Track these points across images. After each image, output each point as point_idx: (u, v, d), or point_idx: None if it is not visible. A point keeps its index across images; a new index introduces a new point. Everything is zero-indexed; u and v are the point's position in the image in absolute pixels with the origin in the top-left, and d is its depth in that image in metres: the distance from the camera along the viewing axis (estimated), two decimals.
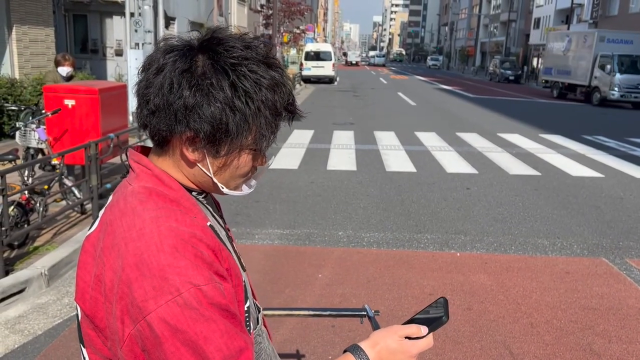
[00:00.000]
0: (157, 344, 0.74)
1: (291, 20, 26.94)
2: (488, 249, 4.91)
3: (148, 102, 0.83)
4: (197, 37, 0.87)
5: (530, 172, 8.23)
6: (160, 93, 0.81)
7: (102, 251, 0.81)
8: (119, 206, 0.85)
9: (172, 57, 0.83)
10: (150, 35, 7.38)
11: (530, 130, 13.08)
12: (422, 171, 8.13)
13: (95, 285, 0.81)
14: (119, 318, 0.77)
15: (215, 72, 0.81)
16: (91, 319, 0.82)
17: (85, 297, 0.83)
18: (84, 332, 0.87)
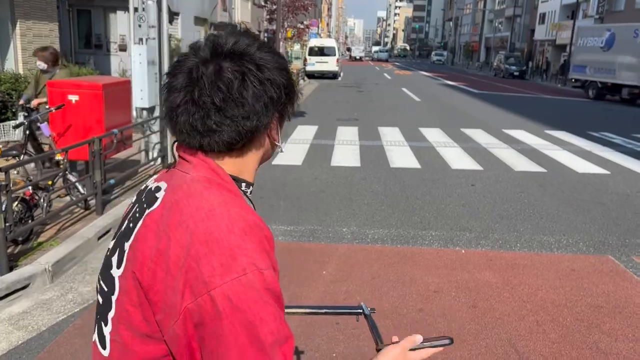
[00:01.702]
0: (216, 318, 0.77)
1: (295, 16, 26.84)
2: (493, 246, 4.88)
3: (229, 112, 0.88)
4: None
5: (535, 169, 8.19)
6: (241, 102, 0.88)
7: (168, 227, 0.84)
8: (183, 189, 0.88)
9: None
10: (154, 31, 7.34)
11: (536, 127, 13.01)
12: (427, 167, 8.09)
13: (156, 259, 0.82)
14: (181, 291, 0.79)
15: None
16: (146, 290, 0.82)
17: (143, 270, 0.83)
18: (120, 309, 0.87)
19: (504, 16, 59.38)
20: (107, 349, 0.90)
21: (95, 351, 0.93)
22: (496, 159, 8.89)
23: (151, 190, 0.94)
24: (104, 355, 0.90)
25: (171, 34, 17.38)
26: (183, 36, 18.40)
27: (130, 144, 6.36)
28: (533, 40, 50.33)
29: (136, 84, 7.05)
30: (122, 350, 0.87)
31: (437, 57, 75.44)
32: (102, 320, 0.91)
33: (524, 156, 9.14)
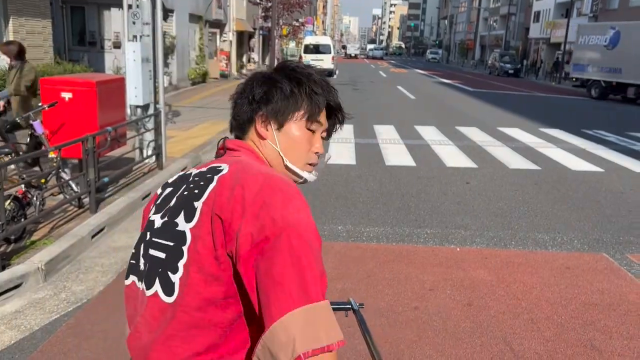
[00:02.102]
0: (277, 235, 0.94)
1: (290, 13, 26.80)
2: (488, 244, 4.88)
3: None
4: None
5: (530, 167, 8.20)
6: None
7: (240, 180, 1.03)
8: (242, 161, 1.12)
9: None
10: (148, 28, 7.29)
11: (530, 124, 13.04)
12: (422, 165, 8.09)
13: (233, 200, 0.99)
14: (253, 218, 0.96)
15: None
16: (227, 225, 0.98)
17: (223, 209, 0.99)
18: (193, 254, 1.01)
19: (498, 14, 59.48)
20: (174, 294, 1.02)
21: (154, 301, 1.05)
22: (491, 156, 8.90)
23: (203, 171, 1.12)
24: (168, 301, 1.02)
25: (166, 31, 17.31)
26: (178, 33, 18.35)
27: (125, 142, 6.33)
28: (528, 38, 50.45)
29: (130, 82, 7.01)
30: (189, 293, 1.00)
31: (432, 55, 75.47)
32: (168, 271, 1.04)
33: (519, 154, 9.16)
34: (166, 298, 1.03)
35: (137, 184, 6.37)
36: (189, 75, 19.81)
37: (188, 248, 1.02)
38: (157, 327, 1.03)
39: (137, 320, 1.08)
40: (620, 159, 9.05)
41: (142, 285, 1.09)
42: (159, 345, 1.02)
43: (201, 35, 21.51)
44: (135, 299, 1.11)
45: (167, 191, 1.16)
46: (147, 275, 1.07)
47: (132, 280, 1.13)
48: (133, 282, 1.13)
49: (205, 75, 21.34)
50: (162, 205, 1.14)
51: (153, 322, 1.04)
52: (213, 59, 23.93)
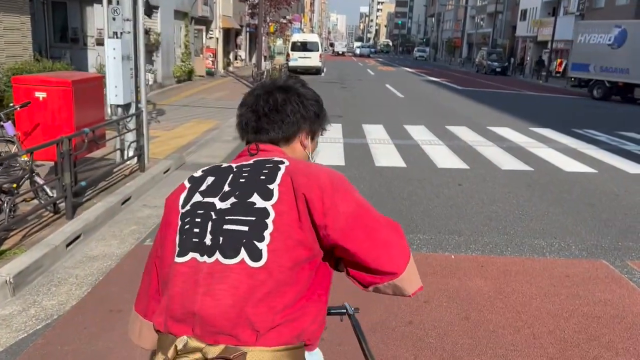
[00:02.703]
0: (359, 214, 1.27)
1: (277, 10, 26.47)
2: (484, 251, 4.69)
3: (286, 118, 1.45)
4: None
5: (522, 167, 8.04)
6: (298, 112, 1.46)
7: (307, 169, 1.30)
8: (291, 157, 1.38)
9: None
10: (129, 24, 7.00)
11: (520, 124, 12.92)
12: (413, 166, 7.90)
13: (310, 183, 1.25)
14: (334, 202, 1.24)
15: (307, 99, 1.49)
16: (310, 202, 1.23)
17: (305, 189, 1.23)
18: (280, 224, 1.21)
19: (485, 12, 59.59)
20: (261, 259, 1.18)
21: (240, 268, 1.19)
22: (482, 157, 8.73)
23: (255, 163, 1.33)
24: (256, 266, 1.18)
25: (150, 27, 16.95)
26: (162, 30, 17.99)
27: (104, 144, 6.05)
28: (515, 36, 50.56)
29: (110, 80, 6.72)
30: (281, 256, 1.19)
31: (419, 53, 75.54)
32: (254, 240, 1.20)
33: (510, 154, 9.01)
34: (253, 263, 1.19)
35: (117, 187, 6.10)
36: (175, 73, 19.46)
37: (273, 220, 1.21)
38: (247, 289, 1.17)
39: (214, 289, 1.18)
40: (612, 159, 8.93)
41: (212, 258, 1.21)
42: (256, 302, 1.17)
43: (187, 32, 21.15)
44: (196, 273, 1.21)
45: (209, 180, 1.34)
46: (224, 247, 1.21)
47: (191, 256, 1.23)
48: (193, 259, 1.23)
49: (191, 73, 21.00)
50: (211, 191, 1.31)
51: (241, 286, 1.17)
52: (199, 57, 23.57)
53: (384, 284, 1.30)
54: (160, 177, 6.80)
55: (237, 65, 32.08)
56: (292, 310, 1.20)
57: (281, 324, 1.18)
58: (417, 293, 1.34)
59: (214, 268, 1.20)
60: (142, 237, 4.76)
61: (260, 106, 1.42)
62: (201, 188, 1.33)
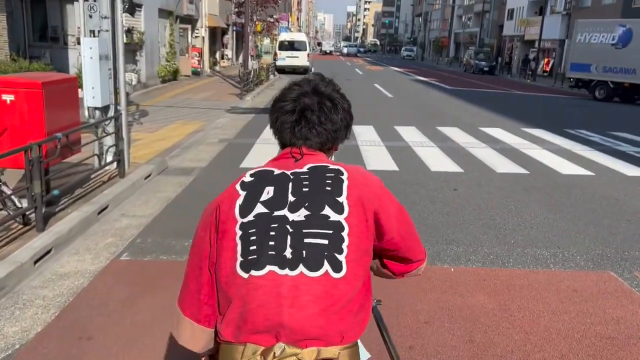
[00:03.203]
0: (402, 214, 1.46)
1: (264, 9, 26.09)
2: (484, 262, 4.42)
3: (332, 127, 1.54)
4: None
5: (517, 170, 7.80)
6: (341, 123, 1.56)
7: (366, 179, 1.44)
8: (345, 164, 1.46)
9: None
10: (107, 22, 6.63)
11: (512, 124, 12.72)
12: (405, 170, 7.62)
13: (373, 194, 1.39)
14: (389, 208, 1.41)
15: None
16: (375, 213, 1.37)
17: (371, 201, 1.37)
18: (353, 238, 1.32)
19: (472, 12, 59.66)
20: (342, 270, 1.28)
21: (324, 280, 1.26)
22: (476, 159, 8.48)
23: (311, 171, 1.41)
24: (337, 277, 1.27)
25: (133, 26, 16.53)
26: (146, 29, 17.56)
27: (79, 149, 5.68)
28: (502, 36, 50.62)
29: (87, 81, 6.36)
30: (354, 265, 1.31)
31: (407, 53, 75.52)
32: (335, 253, 1.29)
33: (504, 156, 8.77)
34: (335, 275, 1.27)
35: (95, 194, 5.75)
36: (159, 73, 19.03)
37: (348, 234, 1.30)
38: (332, 299, 1.25)
39: (299, 300, 1.23)
40: (608, 160, 8.73)
41: (295, 271, 1.26)
42: (339, 309, 1.26)
43: (172, 31, 20.72)
44: (277, 285, 1.24)
45: (269, 190, 1.37)
46: (308, 260, 1.27)
47: (269, 269, 1.26)
48: (271, 272, 1.26)
49: (176, 73, 20.58)
50: (277, 203, 1.35)
51: (326, 297, 1.24)
52: (185, 56, 23.14)
53: (414, 270, 1.54)
54: (141, 183, 6.45)
55: (223, 64, 31.65)
56: (362, 310, 1.33)
57: (356, 323, 1.30)
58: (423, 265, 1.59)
59: (298, 280, 1.25)
60: (119, 251, 4.42)
61: (311, 112, 1.48)
62: (262, 198, 1.36)
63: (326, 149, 1.52)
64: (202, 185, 6.50)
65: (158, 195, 6.06)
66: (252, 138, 9.71)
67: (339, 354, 1.25)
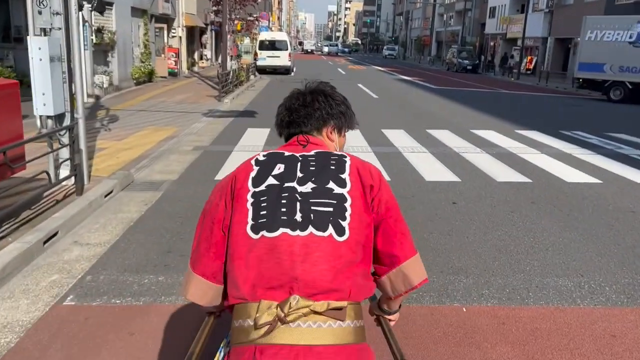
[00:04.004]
0: (393, 206, 1.53)
1: (243, 7, 25.26)
2: (500, 297, 3.74)
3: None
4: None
5: (519, 179, 7.17)
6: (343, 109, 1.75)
7: (364, 164, 1.55)
8: (348, 153, 1.59)
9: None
10: (60, 19, 5.83)
11: (505, 126, 12.14)
12: (398, 180, 6.94)
13: (371, 176, 1.51)
14: (383, 194, 1.51)
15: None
16: (372, 192, 1.49)
17: (369, 181, 1.50)
18: (355, 207, 1.45)
19: (454, 10, 59.41)
20: (345, 235, 1.41)
21: (330, 240, 1.40)
22: (472, 166, 7.83)
23: (316, 155, 1.56)
24: (340, 240, 1.40)
25: (103, 25, 15.63)
26: (118, 28, 16.65)
27: (23, 166, 4.90)
28: (484, 34, 50.40)
29: (37, 86, 5.57)
30: (358, 233, 1.43)
31: (389, 52, 75.16)
32: (338, 219, 1.42)
33: (502, 162, 8.14)
34: (339, 238, 1.41)
35: (45, 217, 4.96)
36: (133, 74, 18.13)
37: (350, 204, 1.45)
38: (338, 257, 1.39)
39: (311, 256, 1.38)
40: (612, 166, 8.15)
41: (306, 231, 1.40)
42: (344, 268, 1.39)
43: (146, 30, 19.82)
44: (290, 245, 1.38)
45: (280, 167, 1.52)
46: (316, 222, 1.41)
47: (282, 231, 1.40)
48: (284, 233, 1.40)
49: (151, 74, 19.70)
50: (287, 176, 1.50)
51: (333, 254, 1.39)
52: (161, 57, 22.24)
53: (394, 271, 1.49)
54: (100, 202, 5.66)
55: (202, 65, 30.74)
56: (365, 277, 1.45)
57: (361, 286, 1.43)
58: (423, 284, 1.51)
59: (308, 240, 1.39)
60: (64, 293, 3.66)
61: (292, 104, 1.69)
62: (273, 172, 1.51)
63: (326, 133, 1.68)
64: (170, 203, 5.75)
65: (119, 217, 5.29)
66: (230, 145, 8.96)
67: (347, 305, 1.37)
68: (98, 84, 15.05)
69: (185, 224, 5.04)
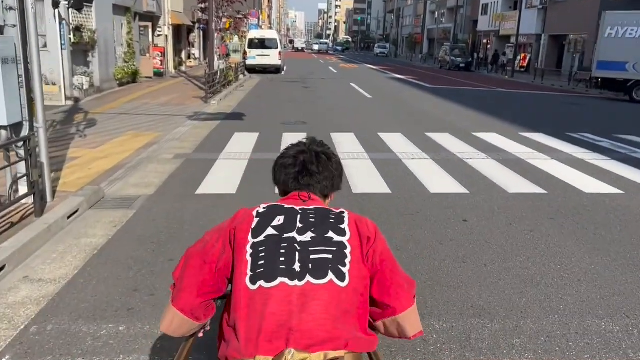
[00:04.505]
0: (389, 258, 1.55)
1: (231, 4, 24.46)
2: (535, 351, 3.07)
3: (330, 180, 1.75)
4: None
5: (533, 189, 6.51)
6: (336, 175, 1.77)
7: (361, 219, 1.58)
8: (349, 212, 1.62)
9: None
10: (14, 15, 5.11)
11: (507, 128, 11.50)
12: (399, 192, 6.26)
13: (368, 229, 1.54)
14: (378, 246, 1.54)
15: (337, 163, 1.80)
16: (368, 243, 1.52)
17: (366, 233, 1.53)
18: (354, 256, 1.48)
19: (446, 7, 58.86)
20: (345, 280, 1.42)
21: (330, 287, 1.41)
22: (479, 175, 7.18)
23: (314, 210, 1.60)
24: (342, 285, 1.41)
25: (82, 24, 14.83)
26: (99, 27, 15.85)
27: None
28: (476, 31, 49.87)
29: None
30: (356, 279, 1.45)
31: (380, 50, 74.60)
32: (339, 265, 1.44)
33: (510, 170, 7.49)
34: (340, 283, 1.42)
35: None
36: (116, 75, 17.33)
37: (350, 252, 1.48)
38: (337, 304, 1.39)
39: (308, 306, 1.37)
40: (631, 173, 7.51)
41: (303, 281, 1.40)
42: (343, 315, 1.40)
43: (130, 29, 19.00)
44: (288, 295, 1.38)
45: (280, 219, 1.54)
46: (314, 271, 1.42)
47: (280, 281, 1.40)
48: (282, 283, 1.40)
49: (135, 75, 18.91)
50: (287, 227, 1.52)
51: (332, 301, 1.39)
52: (145, 56, 21.43)
53: (389, 319, 1.51)
54: (62, 224, 4.93)
55: (190, 64, 29.93)
56: (363, 328, 1.47)
57: (359, 338, 1.41)
58: (417, 337, 1.53)
59: (305, 289, 1.39)
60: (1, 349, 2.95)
61: (311, 164, 1.71)
62: (273, 223, 1.52)
63: (324, 195, 1.74)
64: (143, 224, 5.04)
65: (82, 243, 4.57)
66: (214, 152, 8.25)
67: (344, 355, 1.36)
68: (77, 86, 14.26)
69: (158, 252, 4.34)
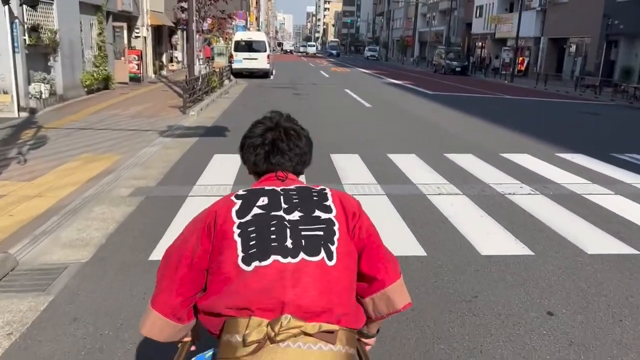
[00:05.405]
0: (375, 233, 1.56)
1: (214, 2, 22.61)
2: None
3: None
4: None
5: (619, 249, 4.72)
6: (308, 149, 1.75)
7: (344, 195, 1.59)
8: (331, 188, 1.61)
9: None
10: None
11: (538, 147, 9.76)
12: (437, 255, 4.46)
13: (351, 205, 1.55)
14: (363, 221, 1.54)
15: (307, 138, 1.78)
16: (354, 219, 1.52)
17: (350, 209, 1.54)
18: (342, 232, 1.48)
19: (438, 10, 57.41)
20: (333, 259, 1.42)
21: (322, 264, 1.40)
22: (536, 222, 5.39)
23: (298, 189, 1.57)
24: (330, 264, 1.41)
25: (40, 23, 12.89)
26: (61, 27, 13.88)
27: None
28: (470, 34, 48.41)
29: None
30: (344, 256, 1.45)
31: (370, 53, 73.21)
32: (328, 243, 1.43)
33: (572, 212, 5.73)
34: (329, 262, 1.42)
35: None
36: (83, 81, 15.37)
37: (338, 229, 1.48)
38: (327, 282, 1.39)
39: (301, 282, 1.37)
40: None
41: (297, 258, 1.39)
42: (333, 293, 1.39)
43: (101, 30, 17.06)
44: (281, 271, 1.37)
45: (264, 199, 1.51)
46: (308, 247, 1.41)
47: (273, 259, 1.39)
48: (275, 261, 1.39)
49: (108, 80, 16.96)
50: (272, 206, 1.49)
51: (323, 279, 1.39)
52: (120, 60, 19.48)
53: (378, 293, 1.48)
54: None
55: (172, 68, 28.00)
56: (354, 304, 1.47)
57: (351, 314, 1.42)
58: (407, 308, 1.51)
59: (299, 265, 1.38)
60: None
61: (280, 142, 1.66)
62: (258, 203, 1.49)
63: (297, 173, 1.70)
64: (57, 327, 3.17)
65: None
66: (186, 184, 6.41)
67: (339, 330, 1.36)
68: (34, 94, 12.33)
69: None
